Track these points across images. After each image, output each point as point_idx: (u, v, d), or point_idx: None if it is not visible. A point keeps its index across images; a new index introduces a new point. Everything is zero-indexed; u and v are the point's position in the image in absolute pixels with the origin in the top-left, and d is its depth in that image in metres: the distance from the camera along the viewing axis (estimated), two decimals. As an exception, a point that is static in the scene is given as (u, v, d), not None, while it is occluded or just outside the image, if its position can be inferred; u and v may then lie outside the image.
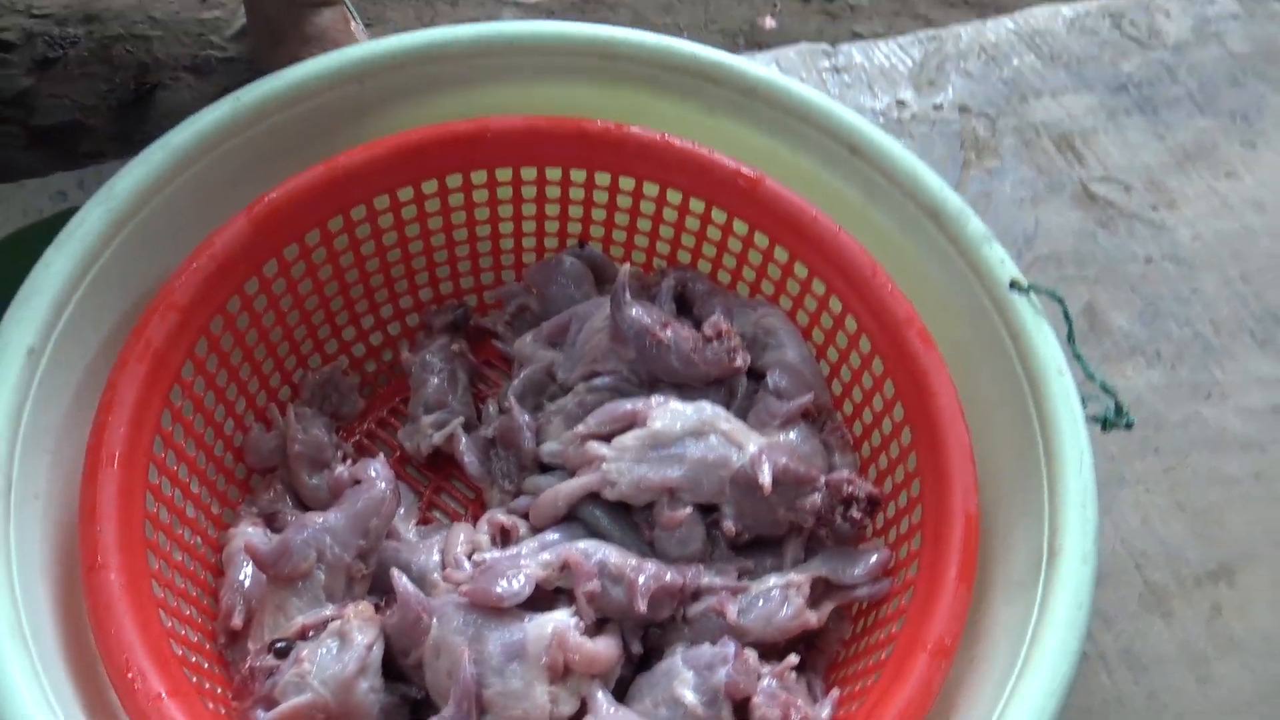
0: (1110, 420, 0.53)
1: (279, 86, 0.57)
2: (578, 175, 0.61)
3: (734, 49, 1.14)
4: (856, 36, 1.16)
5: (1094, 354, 0.73)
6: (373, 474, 0.53)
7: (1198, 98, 0.86)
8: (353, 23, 1.03)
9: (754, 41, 1.15)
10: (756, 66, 0.61)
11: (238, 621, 0.50)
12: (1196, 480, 0.68)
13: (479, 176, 0.61)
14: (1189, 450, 0.69)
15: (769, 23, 1.17)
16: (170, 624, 0.47)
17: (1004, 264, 0.55)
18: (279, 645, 0.48)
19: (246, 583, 0.52)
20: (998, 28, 0.89)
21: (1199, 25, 0.90)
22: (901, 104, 0.84)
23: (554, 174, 0.61)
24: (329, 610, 0.50)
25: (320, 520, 0.51)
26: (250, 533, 0.54)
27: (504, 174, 0.61)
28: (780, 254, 0.59)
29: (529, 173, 0.61)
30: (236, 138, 0.56)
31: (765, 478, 0.51)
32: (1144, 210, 0.80)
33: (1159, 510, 0.67)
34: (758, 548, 0.54)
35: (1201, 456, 0.69)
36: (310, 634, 0.49)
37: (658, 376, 0.58)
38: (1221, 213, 0.80)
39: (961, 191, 0.79)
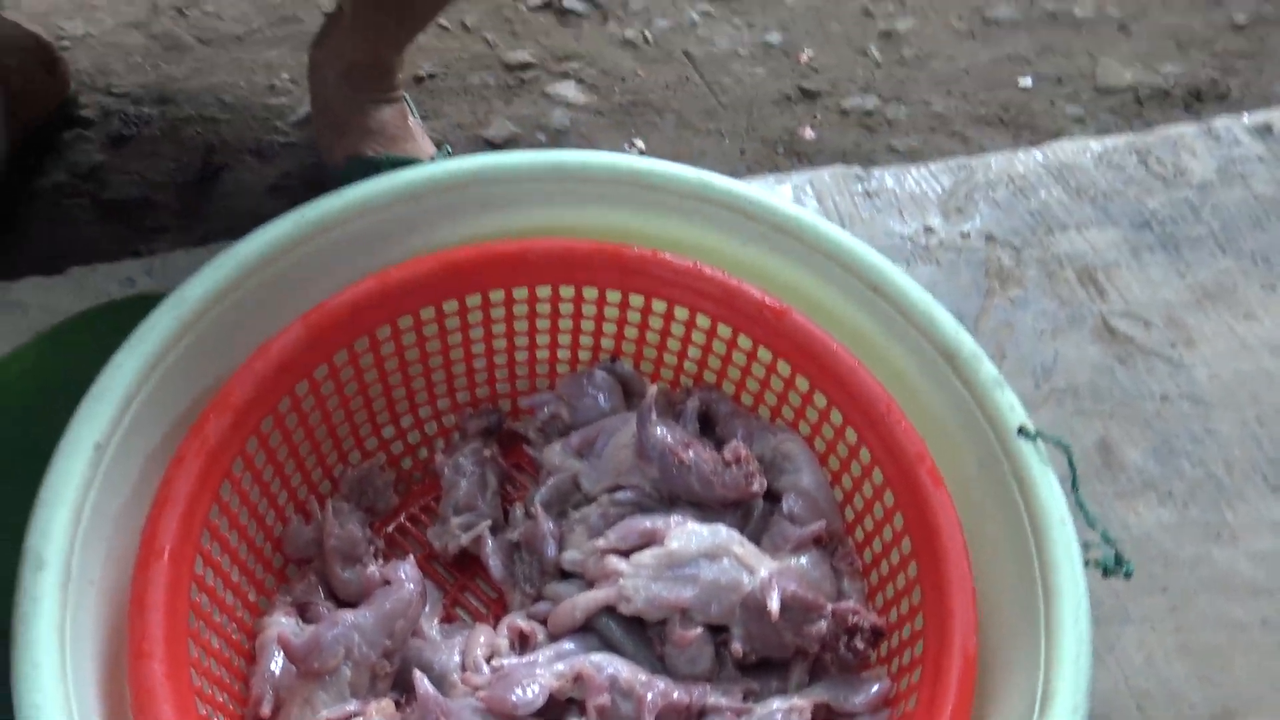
0: (1110, 568, 0.55)
1: (340, 205, 0.62)
2: (613, 296, 0.66)
3: (773, 157, 1.20)
4: (892, 151, 1.21)
5: (1107, 490, 0.75)
6: (402, 576, 0.57)
7: (1220, 237, 0.89)
8: (410, 118, 1.09)
9: (793, 150, 1.20)
10: (788, 204, 0.65)
11: (266, 710, 0.53)
12: (1203, 622, 0.70)
13: (520, 293, 0.65)
14: (1197, 591, 0.71)
15: (808, 133, 1.23)
16: (205, 710, 0.50)
17: (1014, 410, 0.58)
18: (303, 739, 0.51)
19: (277, 672, 0.55)
20: (1027, 159, 0.93)
21: (1224, 166, 0.94)
22: (929, 230, 0.88)
23: (590, 293, 0.66)
24: (352, 706, 0.53)
25: (350, 618, 0.54)
26: (284, 623, 0.57)
27: (544, 291, 0.66)
28: (801, 383, 0.63)
29: (567, 291, 0.66)
30: (299, 249, 0.61)
31: (774, 604, 0.54)
32: (1163, 347, 0.82)
33: (1163, 650, 0.68)
34: (764, 670, 0.57)
35: (1209, 598, 0.71)
36: (333, 729, 0.52)
37: (678, 494, 0.61)
38: (1240, 354, 0.83)
39: (984, 320, 0.83)
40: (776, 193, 0.90)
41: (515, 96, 1.24)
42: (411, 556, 0.59)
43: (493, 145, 1.20)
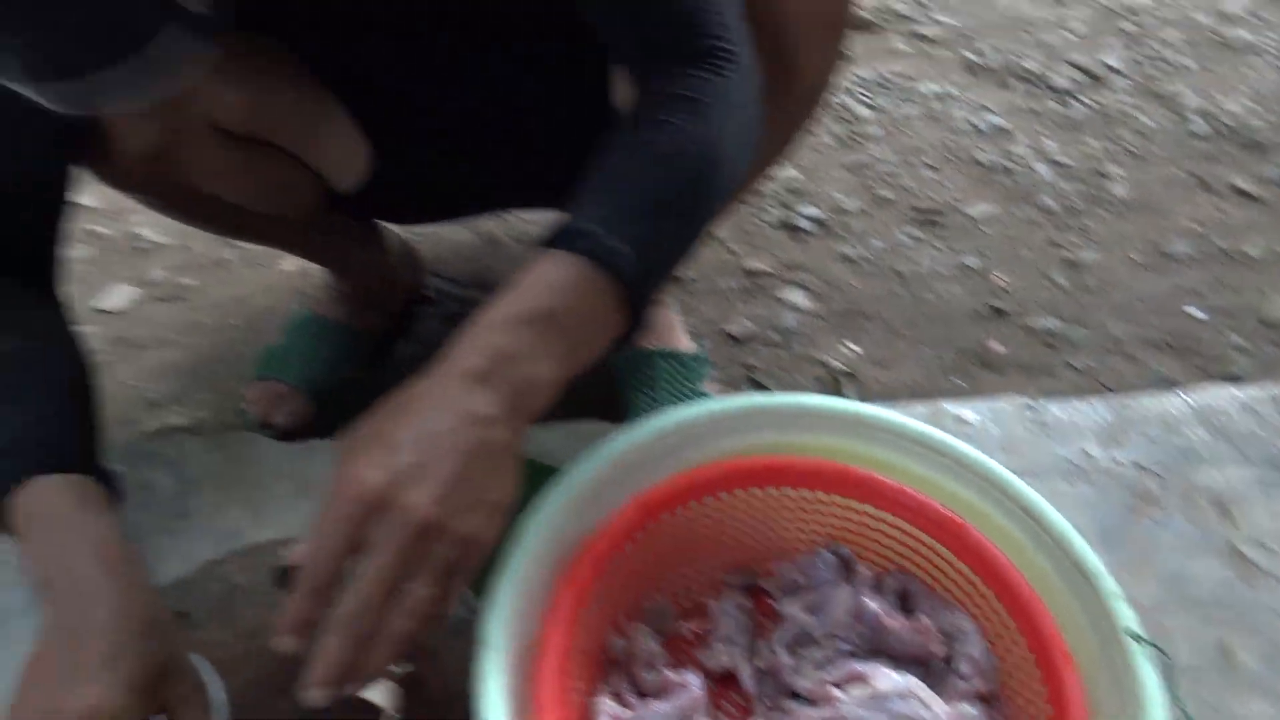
0: (1194, 741, 0.81)
1: (663, 424, 0.98)
2: (840, 500, 0.98)
3: (965, 366, 1.49)
4: (1070, 368, 1.48)
5: (1222, 683, 1.00)
6: (690, 681, 0.89)
7: (1344, 482, 1.12)
8: (673, 316, 1.46)
9: (983, 361, 1.50)
10: (964, 444, 0.96)
11: (600, 760, 0.86)
12: (1289, 796, 0.92)
13: (773, 490, 0.98)
14: (1287, 772, 0.94)
15: (997, 347, 1.52)
16: (569, 754, 0.84)
17: (1127, 617, 0.85)
18: (628, 780, 0.84)
19: (606, 737, 0.88)
20: (1178, 402, 1.20)
21: (1355, 419, 1.17)
22: (1088, 455, 1.15)
23: (825, 496, 0.98)
24: (657, 765, 0.85)
25: (658, 706, 0.87)
26: (608, 703, 0.90)
27: (791, 491, 0.98)
28: (974, 577, 0.92)
29: (806, 493, 0.98)
30: (635, 451, 0.97)
31: (944, 734, 0.83)
32: (1280, 571, 1.06)
33: (1254, 815, 0.91)
34: (934, 780, 0.85)
35: (1296, 778, 0.93)
36: (646, 777, 0.84)
37: (879, 649, 0.91)
38: (1348, 583, 1.05)
39: (1129, 534, 1.09)
40: (964, 418, 1.20)
41: (752, 298, 1.59)
42: (692, 669, 0.92)
43: (733, 339, 1.55)
